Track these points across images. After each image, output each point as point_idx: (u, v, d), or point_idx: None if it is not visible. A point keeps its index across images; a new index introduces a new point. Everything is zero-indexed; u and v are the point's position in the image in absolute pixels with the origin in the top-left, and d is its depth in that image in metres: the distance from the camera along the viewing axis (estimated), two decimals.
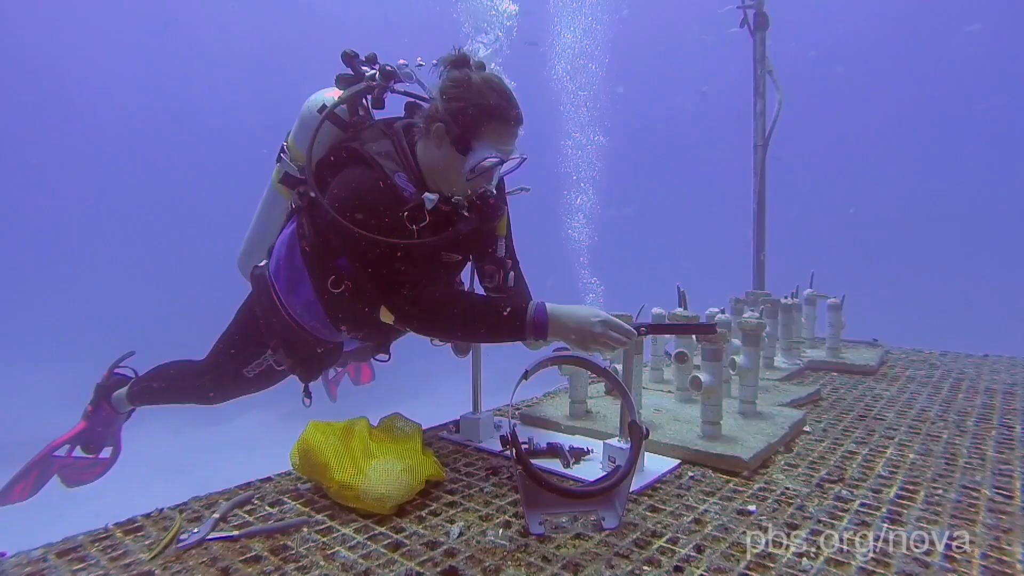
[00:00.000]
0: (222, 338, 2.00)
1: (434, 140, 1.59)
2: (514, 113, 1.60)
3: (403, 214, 1.57)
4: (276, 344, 1.85)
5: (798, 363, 2.91)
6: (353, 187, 1.57)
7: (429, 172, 1.64)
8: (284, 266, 1.80)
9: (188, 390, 2.05)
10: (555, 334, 1.52)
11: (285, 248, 1.80)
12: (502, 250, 1.83)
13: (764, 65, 3.86)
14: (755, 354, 2.02)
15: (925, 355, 3.34)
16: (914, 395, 2.43)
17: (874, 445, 1.80)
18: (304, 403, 2.01)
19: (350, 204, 1.55)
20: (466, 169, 1.57)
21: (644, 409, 2.06)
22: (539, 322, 1.50)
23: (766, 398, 2.26)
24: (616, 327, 1.50)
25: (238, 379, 1.93)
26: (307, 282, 1.76)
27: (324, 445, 1.45)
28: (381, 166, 1.58)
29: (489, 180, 1.63)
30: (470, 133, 1.55)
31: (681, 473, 1.61)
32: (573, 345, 1.52)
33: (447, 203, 1.65)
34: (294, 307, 1.79)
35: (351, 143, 1.65)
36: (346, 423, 1.61)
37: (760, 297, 3.08)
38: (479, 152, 1.57)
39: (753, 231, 4.05)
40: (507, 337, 1.54)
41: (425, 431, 2.03)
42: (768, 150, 3.89)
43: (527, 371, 1.35)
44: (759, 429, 1.84)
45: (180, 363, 2.13)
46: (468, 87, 1.56)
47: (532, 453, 1.72)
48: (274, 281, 1.81)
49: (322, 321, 1.80)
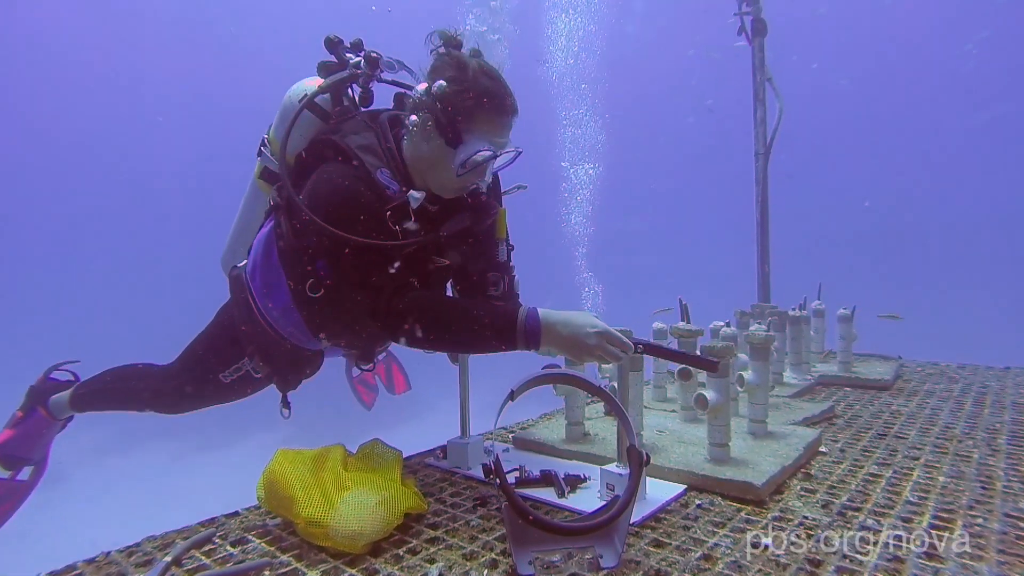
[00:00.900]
0: (199, 338, 1.86)
1: (421, 132, 1.47)
2: (509, 102, 1.47)
3: (386, 213, 1.44)
4: (252, 350, 1.73)
5: (809, 378, 2.77)
6: (330, 184, 1.45)
7: (416, 167, 1.52)
8: (260, 267, 1.68)
9: (152, 394, 1.87)
10: (548, 343, 1.39)
11: (262, 248, 1.68)
12: (504, 254, 1.68)
13: (763, 72, 3.78)
14: (765, 369, 1.88)
15: (942, 367, 3.18)
16: (935, 410, 2.28)
17: (898, 467, 1.65)
18: (282, 414, 1.87)
19: (327, 203, 1.43)
20: (456, 163, 1.44)
21: (646, 430, 1.91)
22: (531, 329, 1.38)
23: (777, 416, 2.11)
24: (613, 339, 1.37)
25: (213, 384, 1.80)
26: (284, 285, 1.64)
27: (291, 476, 1.31)
28: (362, 161, 1.46)
29: (481, 176, 1.51)
30: (460, 123, 1.42)
31: (687, 501, 1.47)
32: (564, 355, 1.39)
33: (435, 202, 1.53)
34: (270, 311, 1.67)
35: (331, 135, 1.53)
36: (319, 451, 1.47)
37: (767, 309, 2.94)
38: (470, 145, 1.43)
39: (757, 242, 3.93)
40: (496, 346, 1.41)
41: (410, 457, 1.90)
42: (770, 158, 3.79)
43: (513, 391, 1.22)
44: (772, 451, 1.69)
45: (142, 365, 1.98)
46: (459, 73, 1.43)
47: (523, 482, 1.57)
48: (250, 283, 1.70)
49: (299, 327, 1.68)
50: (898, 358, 3.27)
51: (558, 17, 4.21)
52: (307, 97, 1.57)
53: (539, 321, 1.38)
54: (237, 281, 1.74)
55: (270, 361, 1.74)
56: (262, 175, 1.76)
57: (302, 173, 1.56)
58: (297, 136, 1.59)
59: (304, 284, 1.59)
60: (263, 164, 1.73)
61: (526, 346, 1.38)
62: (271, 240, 1.66)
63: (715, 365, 1.42)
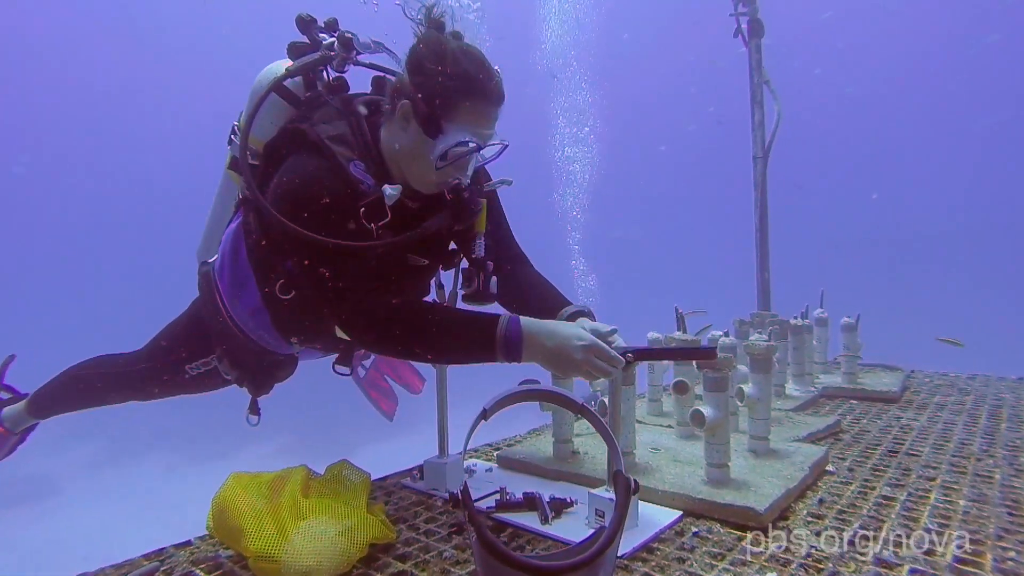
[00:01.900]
0: (167, 328, 1.76)
1: (399, 121, 1.34)
2: (493, 87, 1.34)
3: (359, 211, 1.32)
4: (221, 352, 1.62)
5: (812, 390, 2.64)
6: (297, 179, 1.32)
7: (393, 159, 1.40)
8: (228, 265, 1.56)
9: (115, 381, 1.77)
10: (531, 355, 1.27)
11: (230, 245, 1.56)
12: (481, 249, 1.55)
13: (761, 74, 3.69)
14: (766, 382, 1.75)
15: (951, 378, 3.05)
16: (949, 425, 2.15)
17: (913, 488, 1.52)
18: (248, 421, 1.75)
19: (293, 200, 1.30)
20: (435, 155, 1.32)
21: (639, 448, 1.78)
22: (512, 339, 1.26)
23: (779, 432, 1.98)
24: (602, 353, 1.25)
25: (177, 376, 1.68)
26: (253, 285, 1.52)
27: (242, 504, 1.18)
28: (333, 153, 1.33)
29: (463, 170, 1.38)
30: (441, 112, 1.30)
31: (683, 528, 1.34)
32: (548, 369, 1.27)
33: (415, 198, 1.41)
34: (238, 312, 1.56)
35: (300, 124, 1.40)
36: (278, 474, 1.35)
37: (767, 318, 2.82)
38: (452, 135, 1.31)
39: (756, 248, 3.81)
40: (473, 357, 1.29)
41: (386, 477, 1.77)
42: (768, 162, 3.68)
43: (485, 410, 1.09)
44: (774, 471, 1.56)
45: (103, 355, 1.86)
46: (440, 56, 1.30)
47: (505, 505, 1.44)
48: (218, 281, 1.58)
49: (269, 330, 1.56)
50: (909, 373, 3.12)
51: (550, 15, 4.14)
52: (273, 81, 1.44)
53: (521, 331, 1.26)
54: (205, 279, 1.62)
55: (239, 364, 1.63)
56: (231, 165, 1.62)
57: (271, 164, 1.43)
58: (266, 123, 1.47)
59: (274, 285, 1.47)
60: (233, 153, 1.60)
61: (506, 358, 1.26)
62: (239, 236, 1.54)
63: (713, 353, 1.31)
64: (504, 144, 1.41)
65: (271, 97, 1.46)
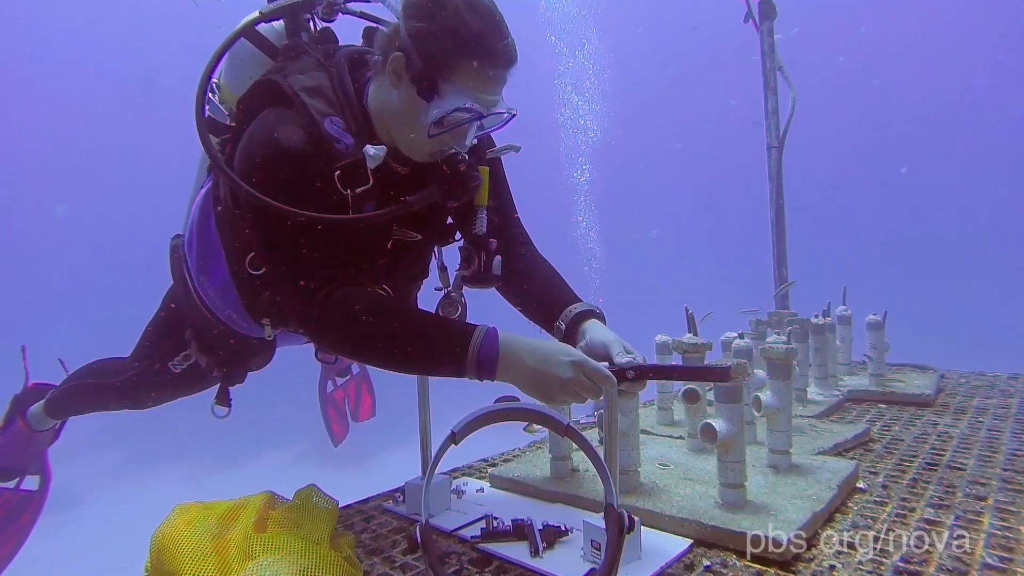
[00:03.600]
0: (151, 320, 1.66)
1: (389, 76, 1.17)
2: (502, 47, 1.15)
3: (334, 174, 1.17)
4: (190, 334, 1.51)
5: (837, 394, 2.43)
6: (257, 136, 1.18)
7: (380, 120, 1.24)
8: (197, 237, 1.43)
9: (112, 388, 1.68)
10: (507, 374, 1.10)
11: (199, 215, 1.43)
12: (483, 226, 1.38)
13: (774, 59, 3.49)
14: (786, 389, 1.57)
15: (990, 378, 2.81)
16: (994, 432, 1.93)
17: (961, 511, 1.32)
18: (214, 413, 1.63)
19: (259, 162, 1.16)
20: (429, 120, 1.15)
21: (646, 463, 1.61)
22: (486, 355, 1.10)
23: (802, 443, 1.79)
24: (592, 372, 1.08)
25: (166, 376, 1.58)
26: (221, 259, 1.37)
27: (183, 542, 1.04)
28: (307, 107, 1.17)
29: (461, 140, 1.22)
30: (439, 71, 1.13)
31: (693, 561, 1.16)
32: (528, 393, 1.10)
33: (405, 163, 1.25)
34: (206, 290, 1.43)
35: (272, 75, 1.25)
36: (234, 503, 1.20)
37: (786, 317, 2.62)
38: (450, 99, 1.14)
39: (772, 242, 3.60)
40: (441, 369, 1.14)
41: (368, 499, 1.61)
42: (783, 152, 3.48)
43: (454, 432, 0.93)
44: (798, 490, 1.38)
45: (105, 360, 1.80)
46: (441, 4, 1.13)
47: (491, 535, 1.28)
48: (187, 255, 1.45)
49: (238, 310, 1.42)
50: (943, 374, 2.88)
51: None
52: (244, 24, 1.29)
53: (497, 346, 1.10)
54: (175, 253, 1.49)
55: (208, 349, 1.51)
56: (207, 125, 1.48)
57: (245, 123, 1.28)
58: (241, 76, 1.33)
59: (243, 259, 1.32)
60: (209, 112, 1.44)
61: (477, 375, 1.10)
62: (208, 205, 1.40)
63: (726, 374, 1.12)
64: (512, 113, 1.24)
65: (246, 48, 1.32)
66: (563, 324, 1.36)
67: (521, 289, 1.49)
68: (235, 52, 1.36)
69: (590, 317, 1.35)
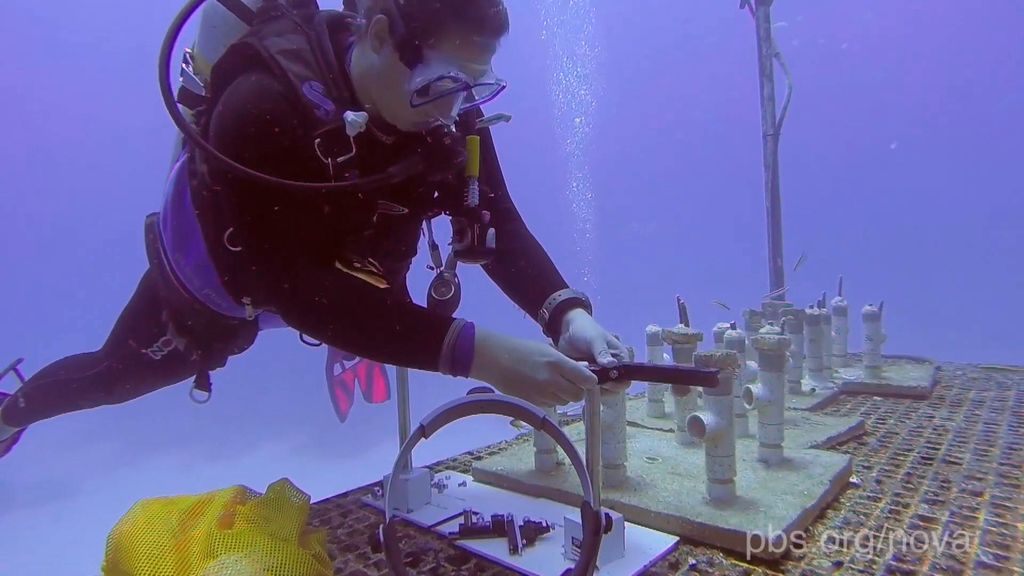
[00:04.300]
0: (123, 310, 1.60)
1: (371, 39, 1.10)
2: (492, 13, 1.08)
3: (314, 142, 1.11)
4: (167, 316, 1.45)
5: (831, 386, 2.39)
6: (231, 102, 1.11)
7: (363, 86, 1.17)
8: (172, 213, 1.36)
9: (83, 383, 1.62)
10: (482, 372, 1.05)
11: (173, 188, 1.36)
12: (475, 197, 1.30)
13: (770, 45, 3.42)
14: (778, 381, 1.52)
15: (986, 370, 2.78)
16: (991, 426, 1.89)
17: (956, 506, 1.28)
18: (192, 397, 1.56)
19: (222, 128, 1.10)
20: (412, 88, 1.08)
21: (634, 456, 1.56)
22: (460, 351, 1.05)
23: (794, 436, 1.75)
24: (571, 372, 1.03)
25: (142, 363, 1.52)
26: (198, 235, 1.31)
27: (140, 540, 0.98)
28: (283, 70, 1.10)
29: (446, 111, 1.15)
30: (423, 35, 1.05)
31: (679, 559, 1.12)
32: (505, 392, 1.04)
33: (390, 131, 1.19)
34: (182, 268, 1.37)
35: (247, 38, 1.18)
36: (200, 498, 1.15)
37: (780, 308, 2.57)
38: (434, 67, 1.06)
39: (768, 232, 3.55)
40: (413, 361, 1.09)
41: (345, 495, 1.57)
42: (779, 140, 3.41)
43: (423, 426, 0.88)
44: (789, 485, 1.33)
45: (70, 356, 1.72)
46: None
47: (469, 531, 1.23)
48: (162, 232, 1.39)
49: (217, 289, 1.36)
50: (939, 365, 2.83)
51: None
52: None
53: (472, 343, 1.05)
54: (150, 230, 1.43)
55: (186, 331, 1.45)
56: (181, 97, 1.38)
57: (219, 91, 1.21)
58: (215, 42, 1.25)
59: (221, 234, 1.26)
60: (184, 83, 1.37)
61: (451, 371, 1.05)
62: (183, 178, 1.34)
63: (714, 378, 1.07)
64: (500, 85, 1.17)
65: (219, 12, 1.24)
66: (547, 312, 1.30)
67: (506, 269, 1.43)
68: (208, 17, 1.28)
69: (576, 306, 1.29)
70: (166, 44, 1.12)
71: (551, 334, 1.32)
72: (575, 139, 8.96)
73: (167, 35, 1.14)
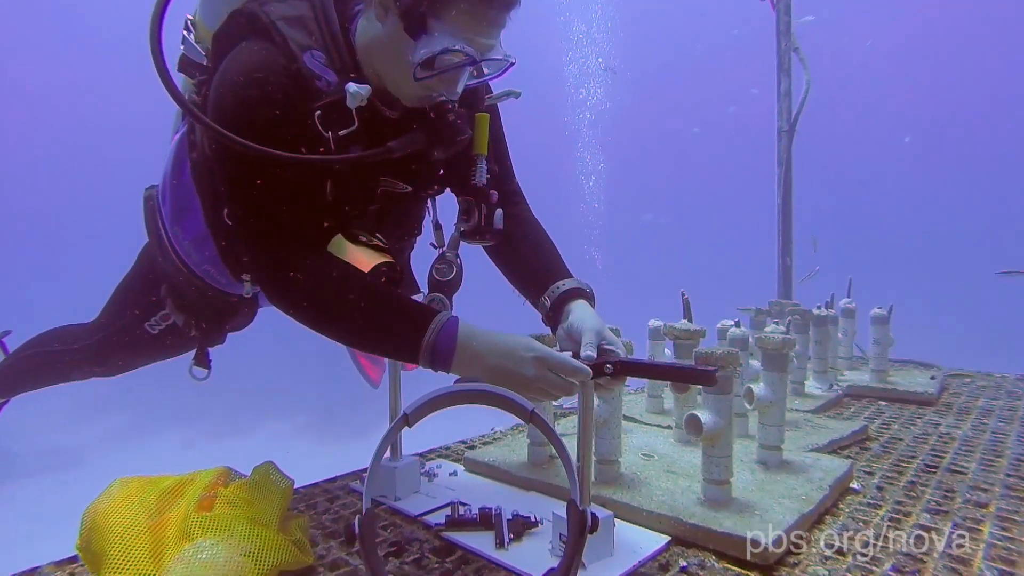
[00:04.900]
0: (125, 277, 1.58)
1: (376, 7, 1.06)
2: None
3: (314, 114, 1.07)
4: (166, 291, 1.44)
5: (836, 389, 2.34)
6: (233, 72, 1.07)
7: (367, 57, 1.13)
8: (171, 185, 1.33)
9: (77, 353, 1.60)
10: (463, 369, 1.03)
11: (172, 160, 1.34)
12: (483, 176, 1.27)
13: (789, 39, 3.33)
14: (780, 381, 1.48)
15: (996, 379, 2.71)
16: (999, 436, 1.84)
17: (960, 517, 1.23)
18: (191, 374, 1.56)
19: (227, 99, 1.06)
20: (415, 61, 1.03)
21: (629, 452, 1.53)
22: (441, 347, 1.02)
23: (795, 438, 1.71)
24: (559, 366, 1.00)
25: (140, 336, 1.51)
26: (197, 208, 1.29)
27: (115, 520, 0.96)
28: (284, 37, 1.06)
29: (451, 86, 1.10)
30: (428, 4, 1.01)
31: (669, 560, 1.08)
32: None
33: (393, 106, 1.15)
34: (180, 242, 1.35)
35: (248, 4, 1.14)
36: (182, 477, 1.12)
37: (787, 307, 2.52)
38: (439, 39, 1.02)
39: (778, 231, 3.48)
40: (394, 354, 1.07)
41: (333, 479, 1.54)
42: (794, 136, 3.33)
43: (407, 414, 0.85)
44: (787, 489, 1.29)
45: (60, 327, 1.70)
46: None
47: (455, 523, 1.20)
48: (160, 205, 1.36)
49: (216, 265, 1.33)
50: (948, 372, 2.76)
51: None
52: None
53: (455, 338, 1.02)
54: (148, 204, 1.41)
55: (184, 307, 1.44)
56: (182, 66, 1.35)
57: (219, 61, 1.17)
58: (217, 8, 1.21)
59: (221, 208, 1.24)
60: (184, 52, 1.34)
61: (431, 366, 1.03)
62: (183, 150, 1.31)
63: (712, 377, 1.03)
64: (509, 62, 1.12)
65: None
66: (548, 300, 1.28)
67: (509, 254, 1.40)
68: None
69: (578, 297, 1.26)
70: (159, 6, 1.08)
71: (551, 323, 1.29)
72: (591, 123, 8.86)
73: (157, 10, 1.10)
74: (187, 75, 1.33)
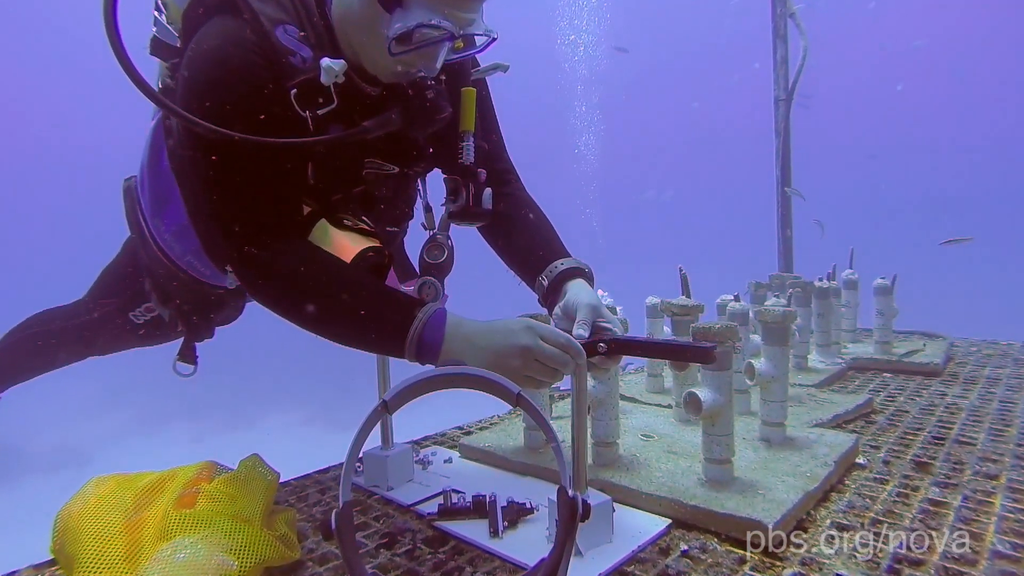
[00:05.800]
0: (108, 264, 1.55)
1: None
2: None
3: (290, 92, 1.02)
4: (150, 285, 1.40)
5: (839, 362, 2.29)
6: (201, 52, 1.02)
7: (343, 31, 1.07)
8: (148, 174, 1.29)
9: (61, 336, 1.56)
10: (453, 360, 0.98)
11: (149, 148, 1.29)
12: (470, 154, 1.22)
13: (785, 5, 3.22)
14: (782, 356, 1.43)
15: (1003, 347, 2.66)
16: (1007, 404, 1.79)
17: (969, 490, 1.19)
18: (176, 370, 1.51)
19: (196, 80, 1.01)
20: (391, 35, 0.97)
21: (629, 433, 1.49)
22: (427, 340, 0.98)
23: (799, 413, 1.67)
24: (549, 355, 0.96)
25: (124, 325, 1.48)
26: (177, 198, 1.25)
27: (88, 520, 0.92)
28: (255, 13, 1.00)
29: (429, 62, 1.04)
30: None
31: (670, 544, 1.05)
32: None
33: (373, 83, 1.10)
34: (161, 234, 1.31)
35: None
36: (162, 474, 1.08)
37: (788, 280, 2.46)
38: (415, 12, 0.96)
39: (777, 202, 3.40)
40: (378, 348, 1.01)
41: (326, 470, 1.51)
42: (792, 104, 3.24)
43: (385, 402, 0.80)
44: (791, 467, 1.25)
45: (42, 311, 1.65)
46: None
47: (448, 511, 1.16)
48: (139, 196, 1.32)
49: (198, 256, 1.29)
50: (953, 342, 2.70)
51: None
52: None
53: (442, 330, 0.97)
54: (128, 195, 1.37)
55: (169, 300, 1.41)
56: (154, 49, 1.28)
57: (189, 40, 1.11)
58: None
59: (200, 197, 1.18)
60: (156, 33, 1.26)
61: (417, 359, 0.99)
62: (159, 138, 1.26)
63: (710, 354, 0.99)
64: (491, 37, 1.06)
65: None
66: (546, 280, 1.24)
67: (503, 234, 1.35)
68: None
69: (576, 276, 1.21)
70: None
71: (548, 305, 1.24)
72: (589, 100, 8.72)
73: None
74: (160, 58, 1.26)
